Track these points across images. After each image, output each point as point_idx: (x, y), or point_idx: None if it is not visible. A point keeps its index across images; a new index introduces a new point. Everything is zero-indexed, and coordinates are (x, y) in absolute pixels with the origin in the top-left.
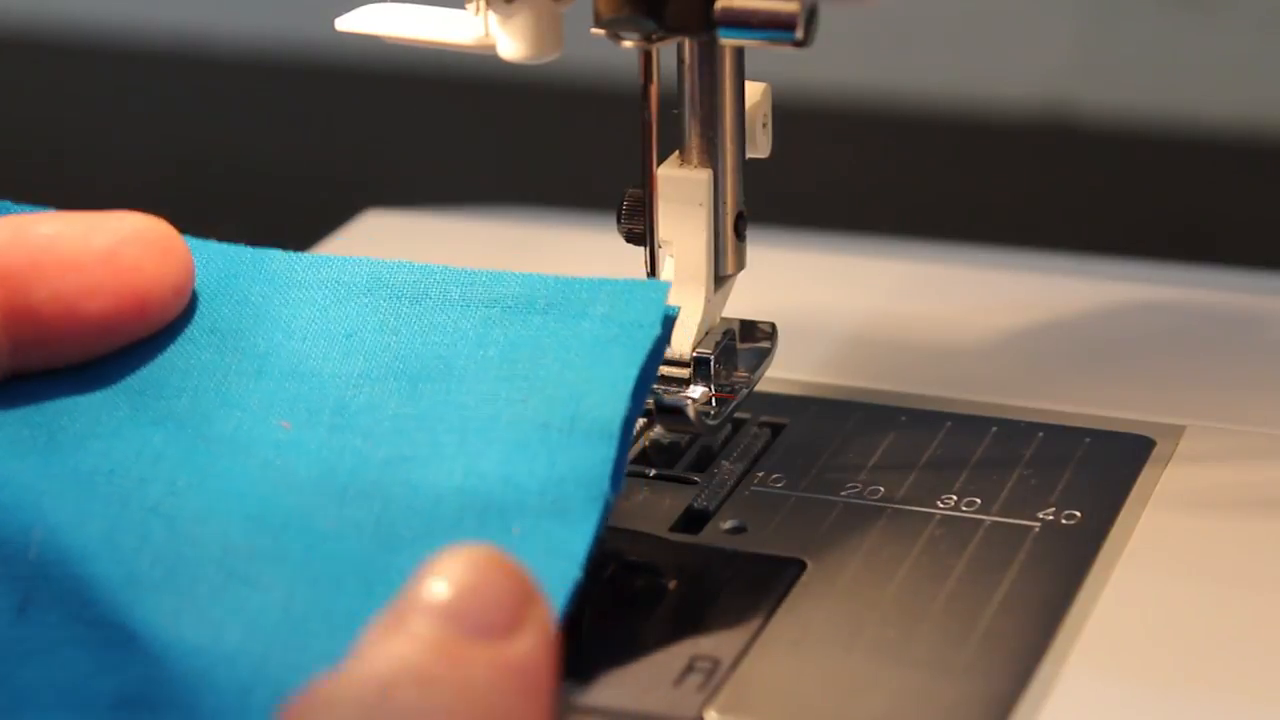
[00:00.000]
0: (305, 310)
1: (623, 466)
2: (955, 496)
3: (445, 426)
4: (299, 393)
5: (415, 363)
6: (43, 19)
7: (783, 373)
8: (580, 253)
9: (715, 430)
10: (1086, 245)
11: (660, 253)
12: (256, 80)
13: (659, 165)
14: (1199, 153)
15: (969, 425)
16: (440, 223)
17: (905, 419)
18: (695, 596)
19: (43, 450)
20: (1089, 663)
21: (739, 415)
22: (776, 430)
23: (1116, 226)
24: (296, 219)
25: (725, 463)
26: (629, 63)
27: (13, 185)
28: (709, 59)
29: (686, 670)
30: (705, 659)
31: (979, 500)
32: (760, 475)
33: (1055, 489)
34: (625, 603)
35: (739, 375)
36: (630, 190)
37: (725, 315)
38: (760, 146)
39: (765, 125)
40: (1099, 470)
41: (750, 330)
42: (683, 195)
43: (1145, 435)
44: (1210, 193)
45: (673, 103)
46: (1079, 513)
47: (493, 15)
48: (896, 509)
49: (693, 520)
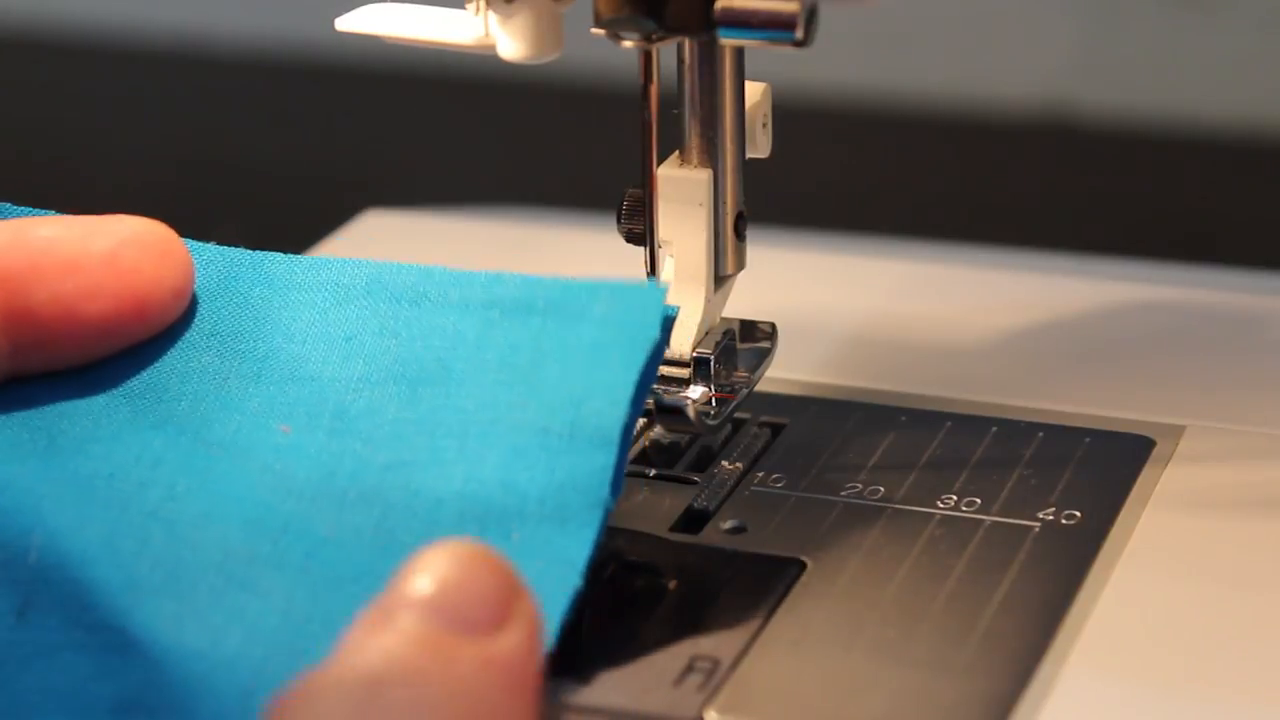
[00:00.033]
0: (305, 313)
1: (622, 472)
2: (955, 496)
3: (445, 431)
4: (299, 397)
5: (415, 366)
6: (43, 19)
7: (783, 373)
8: (580, 253)
9: (715, 430)
10: (1086, 245)
11: (660, 253)
12: (256, 80)
13: (659, 165)
14: (1199, 153)
15: (969, 425)
16: (440, 223)
17: (905, 419)
18: (695, 596)
19: (42, 454)
20: (1089, 663)
21: (739, 415)
22: (776, 430)
23: (1116, 226)
24: (296, 219)
25: (725, 463)
26: (629, 63)
27: (13, 185)
28: (709, 59)
29: (686, 670)
30: (705, 659)
31: (979, 500)
32: (760, 475)
33: (1055, 489)
34: (625, 603)
35: (739, 375)
36: (630, 190)
37: (725, 315)
38: (760, 146)
39: (765, 125)
40: (1099, 470)
41: (750, 330)
42: (683, 195)
43: (1145, 435)
44: (1210, 193)
45: (673, 103)
46: (1079, 513)
47: (493, 15)
48: (896, 509)
49: (693, 520)
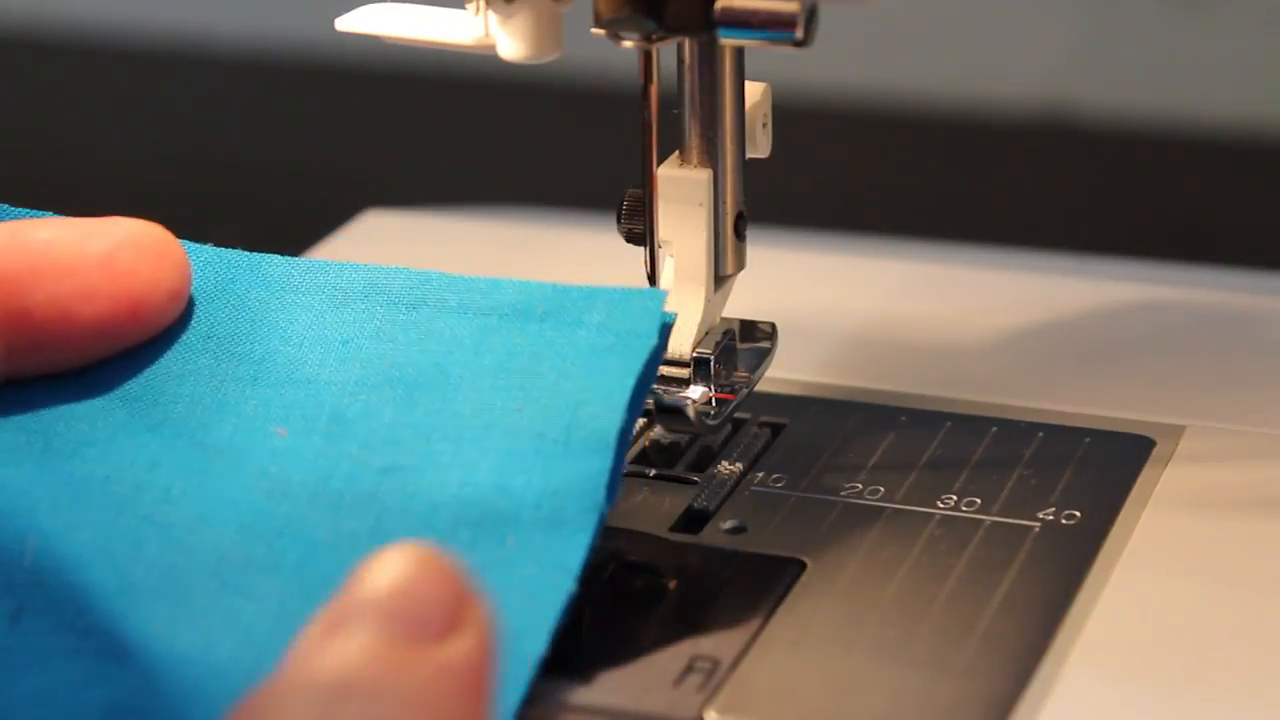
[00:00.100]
0: (302, 316)
1: (618, 477)
2: (955, 496)
3: (441, 435)
4: (295, 400)
5: (411, 370)
6: (43, 19)
7: (783, 373)
8: (580, 253)
9: (715, 430)
10: (1086, 245)
11: (660, 253)
12: (256, 80)
13: (659, 165)
14: (1199, 153)
15: (969, 425)
16: (440, 223)
17: (905, 419)
18: (695, 596)
19: (38, 456)
20: (1089, 663)
21: (739, 415)
22: (776, 430)
23: (1116, 226)
24: (296, 219)
25: (725, 463)
26: (629, 63)
27: (13, 185)
28: (709, 59)
29: (686, 670)
30: (705, 659)
31: (979, 500)
32: (760, 475)
33: (1055, 489)
34: (625, 603)
35: (739, 375)
36: (630, 190)
37: (725, 315)
38: (760, 146)
39: (765, 125)
40: (1099, 470)
41: (750, 330)
42: (683, 195)
43: (1145, 435)
44: (1210, 193)
45: (673, 103)
46: (1079, 513)
47: (493, 15)
48: (896, 509)
49: (693, 520)
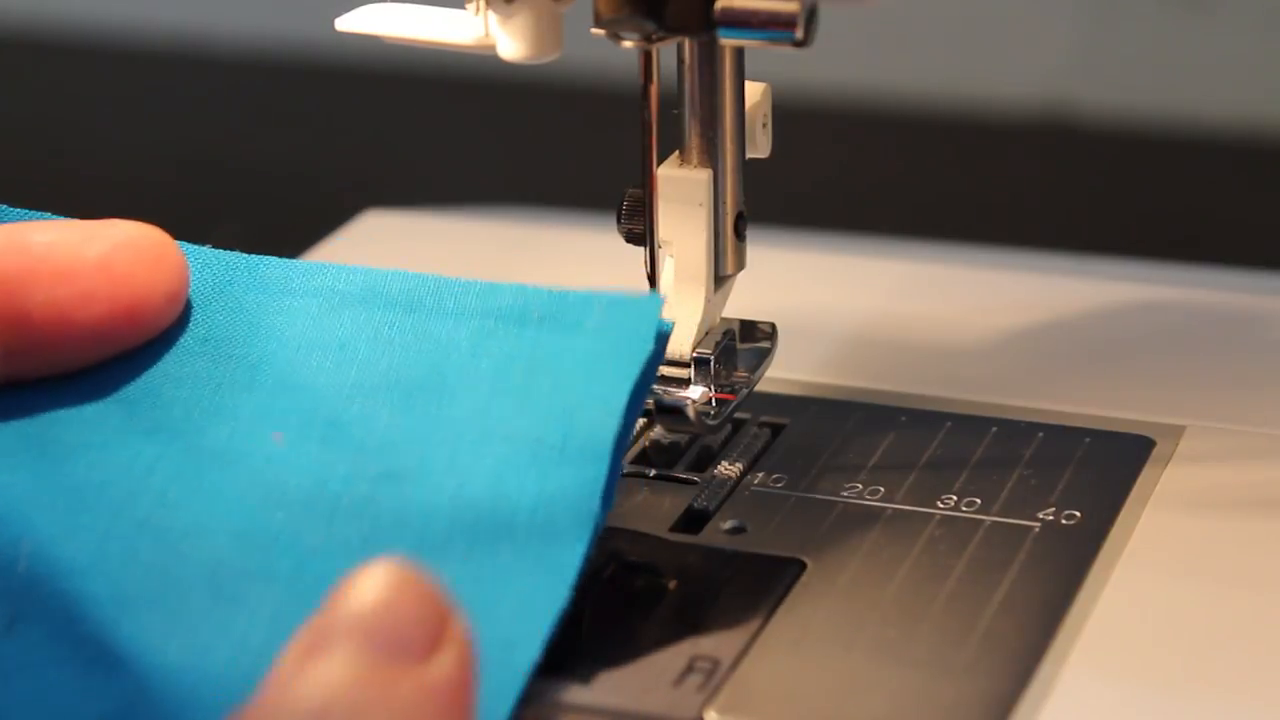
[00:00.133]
0: (299, 319)
1: (614, 486)
2: (955, 496)
3: (437, 441)
4: (291, 404)
5: (408, 375)
6: (43, 19)
7: (783, 373)
8: (580, 253)
9: (715, 430)
10: (1086, 245)
11: (660, 253)
12: (256, 80)
13: (659, 165)
14: (1199, 153)
15: (969, 425)
16: (440, 223)
17: (905, 419)
18: (695, 596)
19: (34, 461)
20: (1089, 663)
21: (739, 415)
22: (776, 430)
23: (1116, 226)
24: (296, 219)
25: (725, 463)
26: (629, 63)
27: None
28: (709, 59)
29: (686, 670)
30: (705, 659)
31: (979, 500)
32: (760, 475)
33: (1055, 489)
34: (625, 603)
35: (739, 375)
36: (630, 190)
37: (725, 315)
38: (760, 146)
39: (765, 125)
40: (1099, 470)
41: (750, 330)
42: (683, 195)
43: (1145, 435)
44: (1210, 193)
45: (673, 103)
46: (1079, 513)
47: (493, 15)
48: (896, 509)
49: (693, 520)
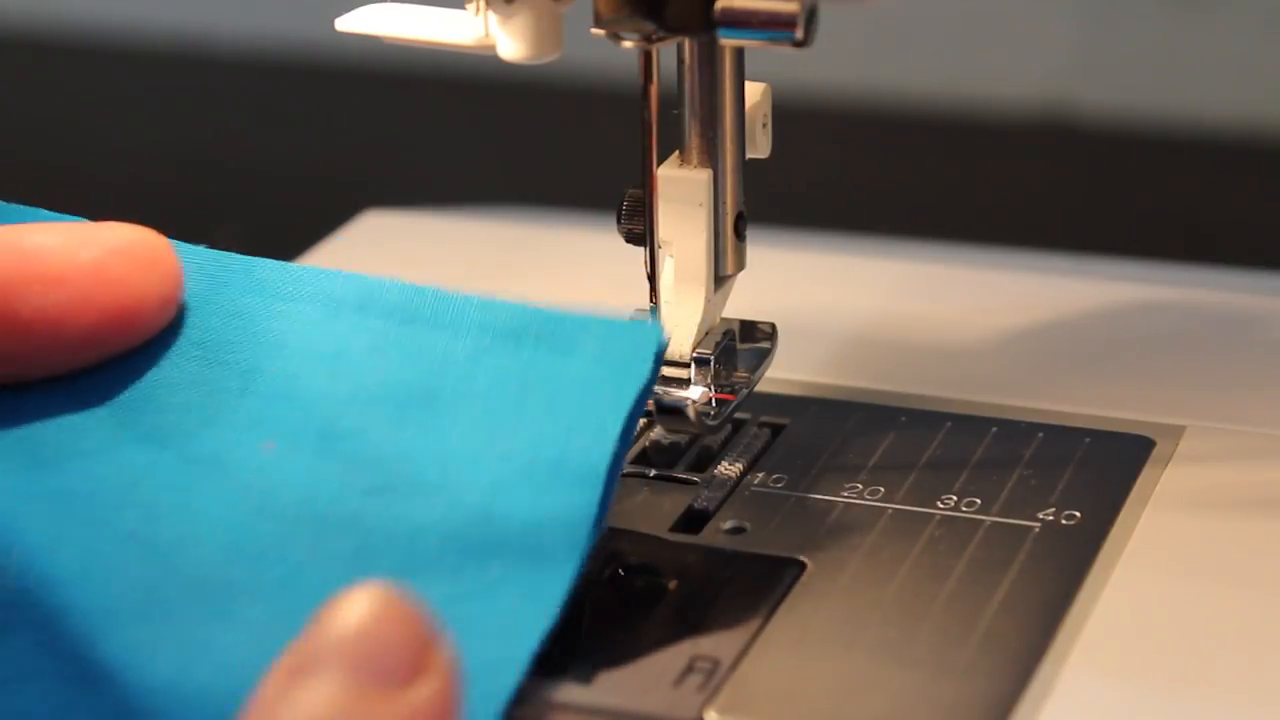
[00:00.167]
0: (294, 325)
1: (606, 511)
2: (955, 496)
3: (429, 458)
4: (284, 413)
5: (402, 388)
6: (43, 19)
7: (783, 373)
8: (580, 253)
9: (715, 430)
10: (1086, 245)
11: (660, 253)
12: (256, 80)
13: (659, 165)
14: (1199, 153)
15: (969, 425)
16: (440, 223)
17: (905, 419)
18: (695, 596)
19: (23, 469)
20: (1089, 663)
21: (739, 415)
22: (776, 430)
23: (1116, 226)
24: (296, 219)
25: (725, 463)
26: (629, 63)
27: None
28: (709, 59)
29: (686, 670)
30: (705, 659)
31: (979, 500)
32: (760, 475)
33: (1055, 489)
34: (625, 603)
35: (739, 375)
36: (630, 190)
37: (725, 315)
38: (760, 146)
39: (765, 125)
40: (1099, 470)
41: (750, 330)
42: (683, 195)
43: (1145, 435)
44: (1210, 193)
45: (673, 103)
46: (1079, 513)
47: (493, 15)
48: (896, 509)
49: (693, 520)
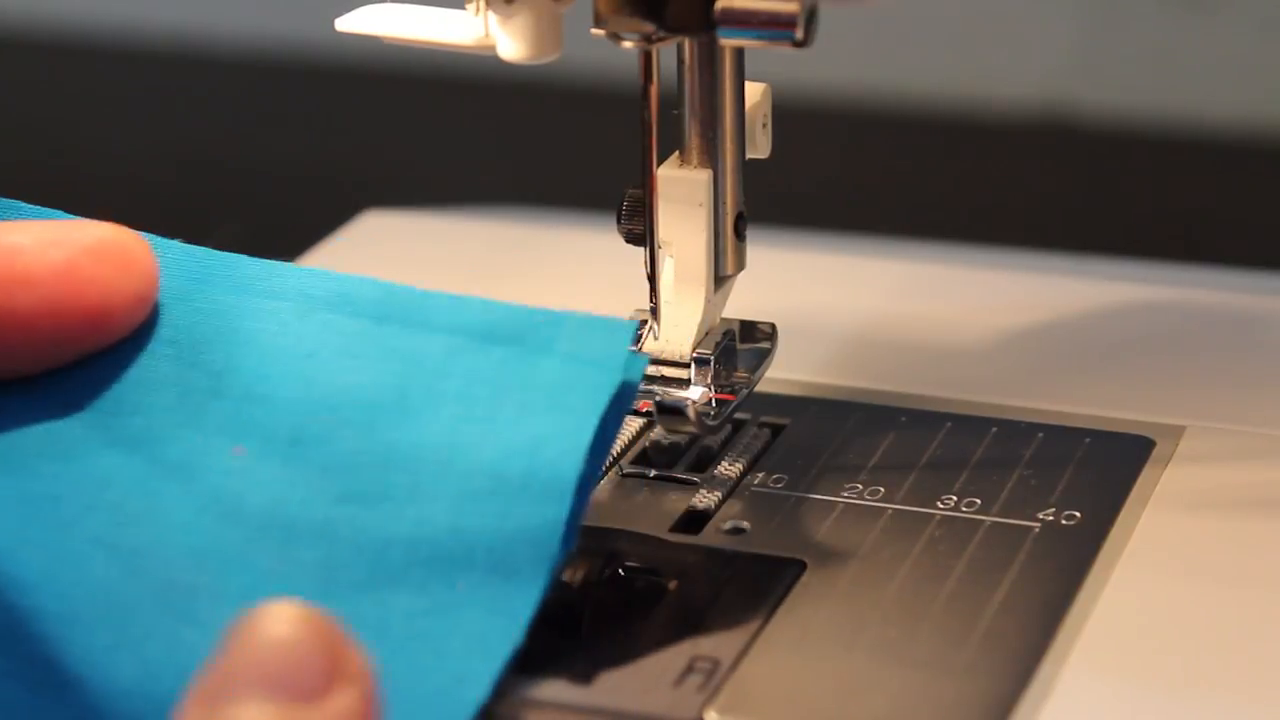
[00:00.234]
0: (267, 324)
1: (576, 525)
2: (955, 497)
3: (399, 466)
4: (254, 417)
5: (373, 391)
6: (43, 19)
7: (783, 373)
8: (580, 253)
9: (715, 430)
10: (1086, 245)
11: (660, 253)
12: (256, 80)
13: (659, 165)
14: (1199, 153)
15: (969, 425)
16: (440, 223)
17: (905, 419)
18: (695, 596)
19: None
20: (1089, 663)
21: (739, 415)
22: (776, 430)
23: (1116, 226)
24: (296, 219)
25: (725, 463)
26: (629, 63)
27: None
28: (709, 59)
29: (686, 670)
30: (705, 659)
31: (979, 500)
32: (760, 475)
33: (1055, 489)
34: (625, 603)
35: (739, 375)
36: (630, 190)
37: (725, 315)
38: (760, 146)
39: (765, 125)
40: (1099, 470)
41: (750, 330)
42: (683, 195)
43: (1145, 435)
44: (1210, 193)
45: (673, 103)
46: (1079, 513)
47: (493, 15)
48: (896, 509)
49: (693, 520)
